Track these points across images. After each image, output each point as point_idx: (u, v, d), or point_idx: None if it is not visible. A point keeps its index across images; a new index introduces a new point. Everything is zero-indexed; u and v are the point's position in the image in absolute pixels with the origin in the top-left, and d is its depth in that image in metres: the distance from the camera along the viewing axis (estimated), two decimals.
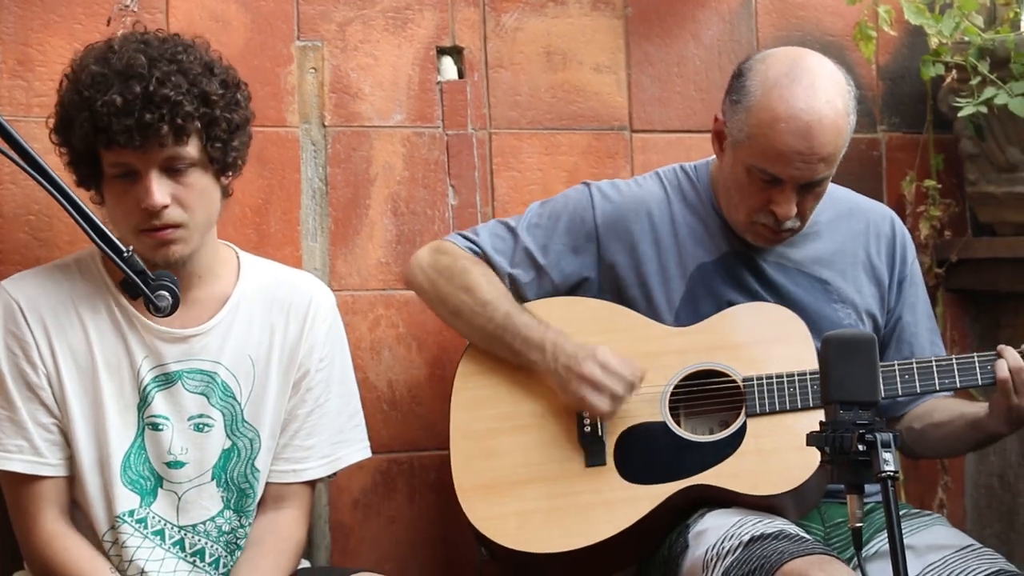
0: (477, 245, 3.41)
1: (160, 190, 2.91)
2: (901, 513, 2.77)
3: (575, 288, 3.40)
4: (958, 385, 3.21)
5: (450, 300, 3.36)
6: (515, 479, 3.28)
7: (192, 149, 2.95)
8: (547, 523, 3.23)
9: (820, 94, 3.16)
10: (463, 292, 3.34)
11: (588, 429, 3.27)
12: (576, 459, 3.28)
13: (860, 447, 2.49)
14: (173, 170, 2.93)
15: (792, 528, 3.06)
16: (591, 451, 3.27)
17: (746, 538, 2.99)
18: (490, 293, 3.33)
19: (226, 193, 3.08)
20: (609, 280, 3.38)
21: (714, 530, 3.08)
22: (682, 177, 3.43)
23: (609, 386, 3.20)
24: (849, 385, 2.55)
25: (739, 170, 3.23)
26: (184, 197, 2.94)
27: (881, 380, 3.14)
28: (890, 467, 2.47)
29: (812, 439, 2.59)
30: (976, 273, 3.97)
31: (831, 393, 2.56)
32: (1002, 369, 3.13)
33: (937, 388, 3.21)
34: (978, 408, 3.28)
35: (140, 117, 2.87)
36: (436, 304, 3.40)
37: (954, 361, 3.21)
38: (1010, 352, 3.15)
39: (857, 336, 2.62)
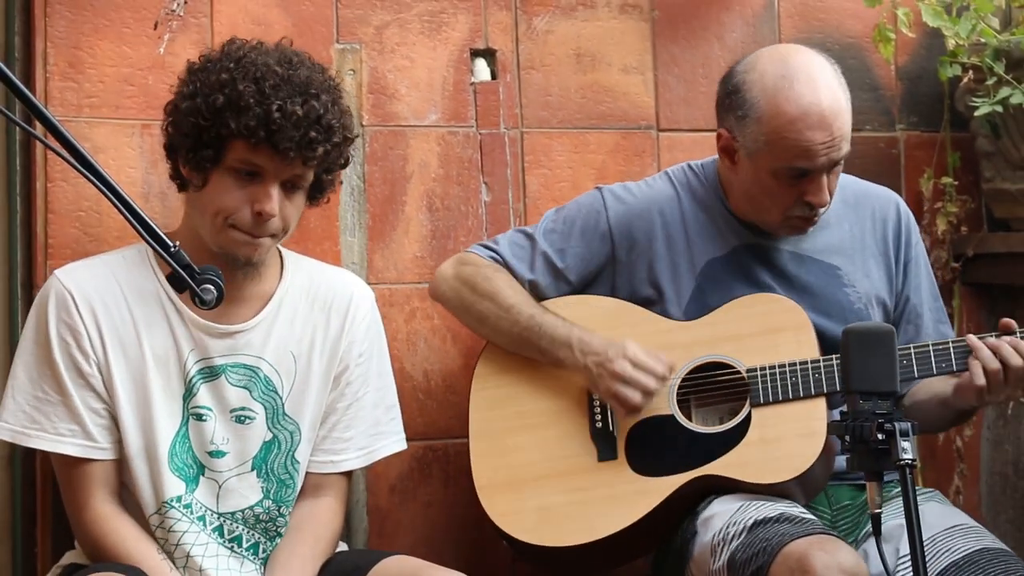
0: (498, 253, 3.46)
1: (278, 201, 2.99)
2: (895, 492, 2.82)
3: (591, 287, 3.45)
4: (934, 372, 3.23)
5: (475, 308, 3.42)
6: (531, 475, 3.34)
7: (311, 174, 3.04)
8: (563, 518, 3.28)
9: (820, 81, 3.23)
10: (487, 299, 3.40)
11: (600, 425, 3.33)
12: (589, 454, 3.33)
13: (879, 436, 2.54)
14: (290, 186, 3.02)
15: (795, 510, 3.09)
16: (603, 446, 3.32)
17: (749, 522, 3.04)
18: (513, 298, 3.39)
19: None
20: (623, 278, 3.43)
21: (720, 516, 3.13)
22: (691, 175, 3.48)
23: (641, 381, 3.24)
24: (869, 376, 2.60)
25: (764, 176, 3.28)
26: (287, 213, 3.03)
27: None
28: (908, 455, 2.52)
29: (833, 428, 2.64)
30: (992, 267, 4.00)
31: (851, 383, 2.61)
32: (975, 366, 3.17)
33: (916, 375, 3.23)
34: (944, 386, 3.30)
35: (306, 133, 2.97)
36: (462, 313, 3.46)
37: (930, 347, 3.23)
38: (983, 350, 3.18)
39: (877, 328, 2.67)
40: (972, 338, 3.21)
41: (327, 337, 3.18)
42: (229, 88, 2.97)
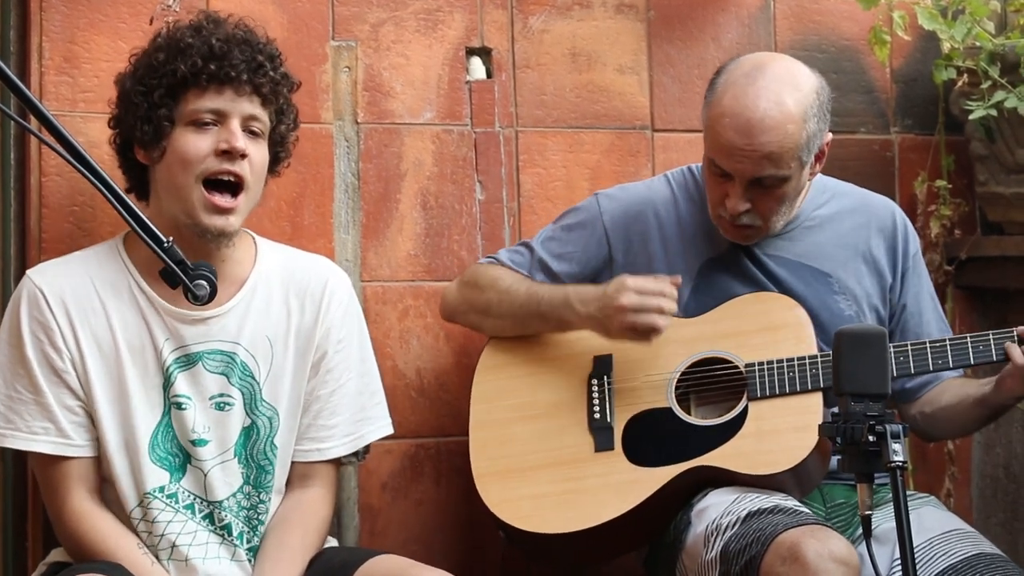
0: (496, 259, 3.52)
1: (242, 139, 3.05)
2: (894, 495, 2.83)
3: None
4: (951, 365, 3.24)
5: (478, 302, 3.46)
6: (528, 464, 3.36)
7: (267, 119, 3.10)
8: (558, 505, 3.30)
9: (770, 95, 3.22)
10: (488, 289, 3.44)
11: (598, 416, 3.35)
12: (586, 444, 3.35)
13: (870, 438, 2.55)
14: (249, 132, 3.07)
15: (789, 503, 3.11)
16: (600, 436, 3.34)
17: (743, 513, 3.06)
18: (508, 280, 3.44)
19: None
20: None
21: (715, 507, 3.15)
22: (688, 177, 3.51)
23: (652, 303, 3.25)
24: (860, 378, 2.60)
25: (704, 163, 3.33)
26: (253, 158, 3.07)
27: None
28: (899, 457, 2.53)
29: (824, 430, 2.64)
30: (985, 271, 4.02)
31: (843, 386, 2.61)
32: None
33: (931, 368, 3.25)
34: (980, 387, 3.33)
35: (253, 56, 3.05)
36: (470, 313, 3.50)
37: (947, 343, 3.24)
38: None
39: (868, 331, 2.67)
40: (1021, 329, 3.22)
41: (302, 323, 3.19)
42: (167, 44, 3.10)
